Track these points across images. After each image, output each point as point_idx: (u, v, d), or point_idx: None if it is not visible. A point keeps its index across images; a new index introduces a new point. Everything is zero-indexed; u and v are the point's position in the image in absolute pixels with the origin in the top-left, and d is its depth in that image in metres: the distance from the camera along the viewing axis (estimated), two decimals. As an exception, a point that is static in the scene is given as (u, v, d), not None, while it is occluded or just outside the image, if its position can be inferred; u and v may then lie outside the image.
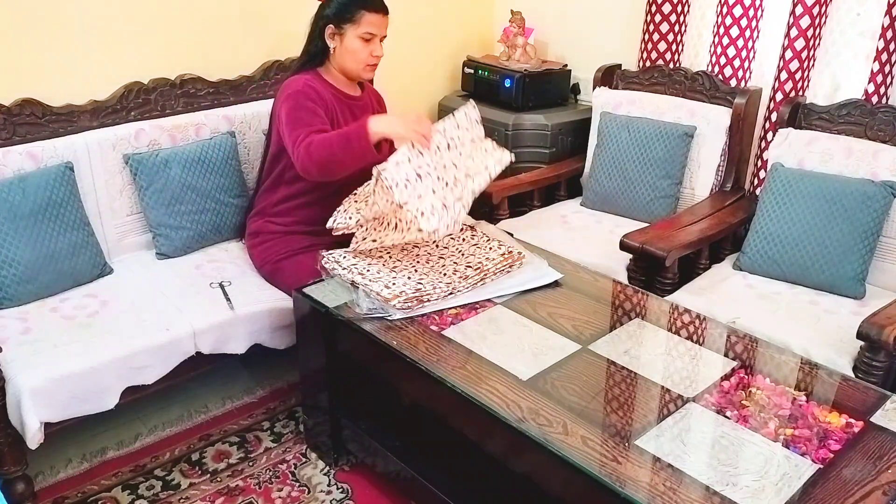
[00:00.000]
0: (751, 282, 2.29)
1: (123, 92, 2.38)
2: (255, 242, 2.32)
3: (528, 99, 3.02)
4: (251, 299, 2.16)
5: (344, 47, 2.17)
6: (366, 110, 2.28)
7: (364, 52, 2.17)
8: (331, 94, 2.20)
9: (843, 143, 2.31)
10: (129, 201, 2.39)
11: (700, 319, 1.89)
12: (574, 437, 1.44)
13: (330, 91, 2.21)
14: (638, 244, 2.26)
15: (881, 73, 2.33)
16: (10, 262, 2.05)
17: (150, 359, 1.96)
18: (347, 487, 2.07)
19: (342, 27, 2.14)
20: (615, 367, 1.67)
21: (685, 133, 2.61)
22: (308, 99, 2.12)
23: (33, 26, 2.24)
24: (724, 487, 1.31)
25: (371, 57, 2.18)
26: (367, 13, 2.12)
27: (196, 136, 2.49)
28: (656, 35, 2.81)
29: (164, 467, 2.14)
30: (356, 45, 2.15)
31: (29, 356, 1.86)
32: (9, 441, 1.83)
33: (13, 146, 2.16)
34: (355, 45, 2.15)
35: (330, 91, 2.21)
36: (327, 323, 1.92)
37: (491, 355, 1.70)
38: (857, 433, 1.47)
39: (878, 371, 1.84)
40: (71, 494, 2.04)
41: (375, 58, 2.19)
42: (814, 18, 2.39)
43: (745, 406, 1.54)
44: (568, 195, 2.97)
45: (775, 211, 2.28)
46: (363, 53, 2.17)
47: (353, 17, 2.12)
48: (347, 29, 2.14)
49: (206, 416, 2.35)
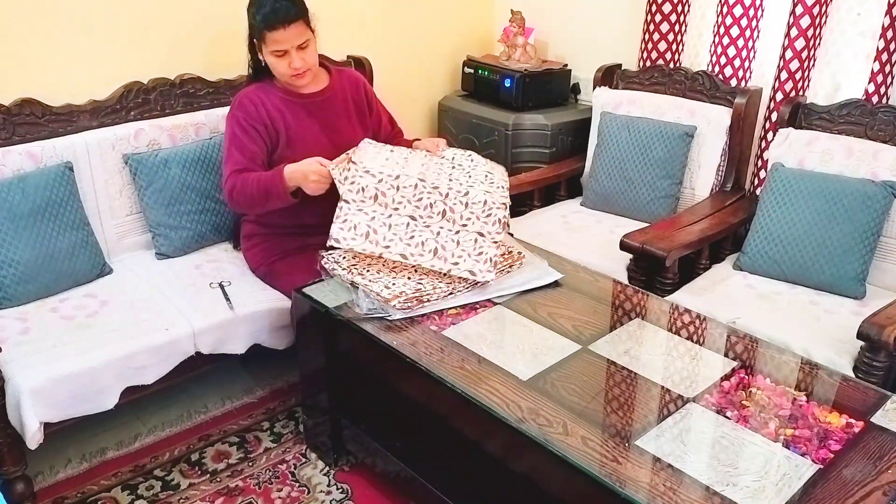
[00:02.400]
0: (751, 282, 2.28)
1: (123, 92, 2.38)
2: (249, 245, 2.32)
3: (528, 99, 3.02)
4: (251, 299, 2.16)
5: (268, 62, 2.14)
6: (328, 105, 2.26)
7: (282, 65, 2.11)
8: (278, 97, 2.18)
9: (844, 143, 2.31)
10: (129, 201, 2.39)
11: (700, 319, 1.88)
12: (574, 437, 1.44)
13: (278, 95, 2.19)
14: (638, 244, 2.26)
15: (881, 73, 2.32)
16: (9, 262, 2.05)
17: (150, 359, 1.96)
18: (347, 487, 2.07)
19: (259, 43, 2.12)
20: (615, 367, 1.66)
21: (685, 133, 2.61)
22: (245, 119, 2.13)
23: (33, 26, 2.24)
24: (725, 488, 1.31)
25: (290, 69, 2.11)
26: (267, 32, 2.05)
27: (196, 136, 2.49)
28: (656, 35, 2.81)
29: (164, 467, 2.14)
30: (272, 60, 2.12)
31: (28, 356, 1.86)
32: (8, 441, 1.83)
33: (13, 146, 2.16)
34: (272, 60, 2.12)
35: (278, 95, 2.19)
36: (327, 323, 1.91)
37: (491, 355, 1.70)
38: (857, 433, 1.46)
39: (878, 371, 1.84)
40: (70, 495, 2.04)
41: (295, 69, 2.11)
42: (814, 18, 2.38)
43: (746, 406, 1.53)
44: (568, 195, 2.97)
45: (775, 211, 2.28)
46: (282, 68, 2.11)
47: (259, 35, 2.09)
48: (262, 46, 2.11)
49: (206, 417, 2.35)
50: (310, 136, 2.20)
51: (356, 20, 2.97)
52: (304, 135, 2.20)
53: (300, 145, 2.18)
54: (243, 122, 2.14)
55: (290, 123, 2.18)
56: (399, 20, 3.15)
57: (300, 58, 2.10)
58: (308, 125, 2.21)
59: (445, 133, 3.28)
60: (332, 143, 2.23)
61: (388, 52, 3.07)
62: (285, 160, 2.15)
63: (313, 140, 2.20)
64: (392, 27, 3.13)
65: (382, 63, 2.96)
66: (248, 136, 2.14)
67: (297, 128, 2.19)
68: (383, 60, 2.98)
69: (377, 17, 3.03)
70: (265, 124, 2.15)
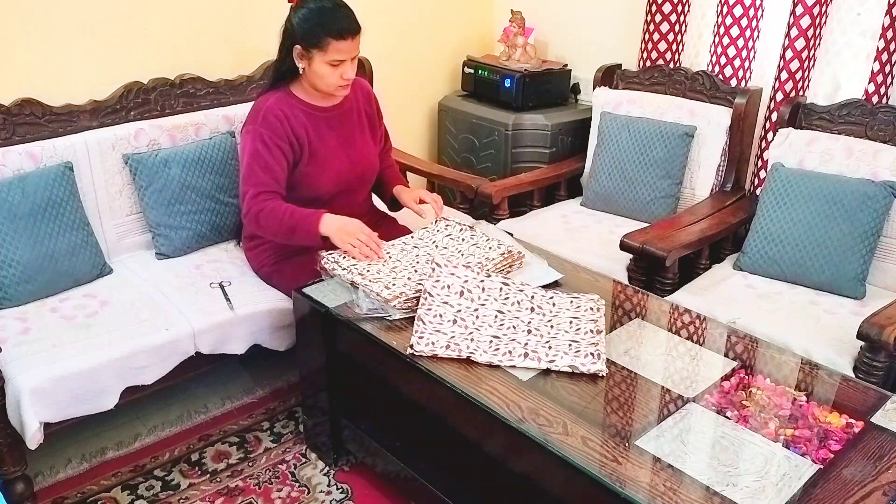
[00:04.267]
0: (751, 282, 2.28)
1: (123, 92, 2.38)
2: (251, 245, 2.32)
3: (528, 99, 3.02)
4: (251, 299, 2.16)
5: (313, 70, 2.06)
6: (346, 118, 2.24)
7: (333, 76, 2.06)
8: (301, 111, 2.14)
9: (844, 143, 2.31)
10: (129, 201, 2.39)
11: (700, 319, 1.88)
12: (574, 437, 1.44)
13: (301, 108, 2.15)
14: (638, 244, 2.26)
15: (881, 73, 2.33)
16: (9, 262, 2.05)
17: (150, 359, 1.96)
18: (347, 488, 2.06)
19: (310, 51, 2.03)
20: (615, 367, 1.66)
21: (685, 133, 2.61)
22: (271, 137, 2.07)
23: (33, 26, 2.24)
24: (725, 488, 1.31)
25: (341, 79, 2.07)
26: (333, 41, 1.99)
27: (196, 136, 2.48)
28: (656, 35, 2.80)
29: (164, 467, 2.14)
30: (324, 70, 2.04)
31: (28, 356, 1.86)
32: (8, 441, 1.82)
33: (13, 146, 2.16)
34: (324, 70, 2.04)
35: (301, 108, 2.15)
36: (327, 323, 1.91)
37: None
38: (857, 433, 1.46)
39: (878, 371, 1.84)
40: (70, 495, 2.04)
41: (347, 80, 2.08)
42: (814, 18, 2.38)
43: (746, 406, 1.53)
44: (568, 195, 2.97)
45: (775, 211, 2.28)
46: (332, 78, 2.06)
47: (320, 43, 2.00)
48: (315, 54, 2.02)
49: (206, 417, 2.35)
50: (330, 150, 2.19)
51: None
52: (325, 149, 2.18)
53: (322, 160, 2.17)
54: (268, 139, 2.08)
55: (312, 138, 2.15)
56: (399, 20, 3.15)
57: (352, 69, 2.08)
58: (328, 139, 2.19)
59: (445, 133, 3.28)
60: (349, 157, 2.23)
61: (388, 52, 3.07)
62: (307, 175, 2.15)
63: (333, 154, 2.19)
64: (392, 27, 3.13)
65: (382, 63, 2.96)
66: (272, 154, 2.08)
67: (319, 142, 2.17)
68: (383, 60, 2.98)
69: (377, 17, 3.03)
70: (290, 141, 2.11)
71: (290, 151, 2.12)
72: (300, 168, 2.16)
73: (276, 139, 2.09)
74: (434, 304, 1.80)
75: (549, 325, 1.77)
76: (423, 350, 1.68)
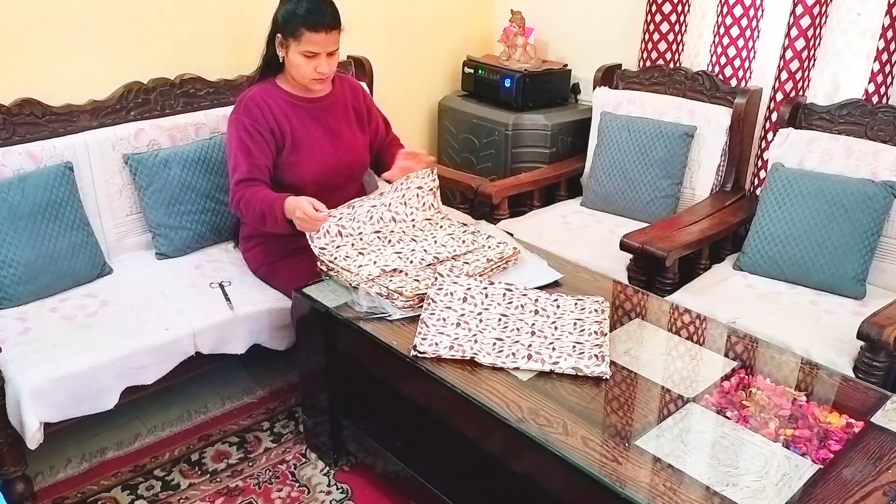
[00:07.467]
0: (751, 282, 2.28)
1: (123, 92, 2.38)
2: (249, 246, 2.32)
3: (528, 99, 3.02)
4: (251, 299, 2.16)
5: (289, 60, 2.11)
6: (331, 110, 2.25)
7: (307, 67, 2.09)
8: (285, 101, 2.17)
9: (844, 143, 2.31)
10: (129, 201, 2.39)
11: (700, 319, 1.88)
12: (574, 437, 1.44)
13: (284, 98, 2.18)
14: (638, 244, 2.26)
15: (881, 73, 2.33)
16: (9, 262, 2.04)
17: (150, 359, 1.96)
18: (347, 488, 2.06)
19: (287, 39, 2.08)
20: (615, 367, 1.66)
21: (685, 133, 2.61)
22: (252, 125, 2.11)
23: (33, 26, 2.24)
24: (725, 488, 1.31)
25: (315, 72, 2.10)
26: (307, 31, 2.03)
27: (196, 136, 2.48)
28: (656, 35, 2.81)
29: (164, 467, 2.14)
30: (299, 60, 2.09)
31: (28, 356, 1.86)
32: (8, 441, 1.82)
33: (13, 146, 2.16)
34: (298, 60, 2.09)
35: (284, 98, 2.18)
36: (327, 323, 1.91)
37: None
38: (857, 433, 1.46)
39: (878, 371, 1.84)
40: (70, 495, 2.03)
41: (320, 74, 2.11)
42: (814, 18, 2.38)
43: (746, 406, 1.53)
44: (568, 195, 2.97)
45: (775, 211, 2.28)
46: (306, 69, 2.10)
47: (295, 32, 2.05)
48: (291, 43, 2.07)
49: (206, 417, 2.35)
50: (314, 140, 2.20)
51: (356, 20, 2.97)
52: (308, 139, 2.19)
53: (305, 149, 2.18)
54: (250, 127, 2.11)
55: (295, 127, 2.18)
56: (399, 20, 3.15)
57: (327, 64, 2.10)
58: (313, 130, 2.21)
59: (445, 133, 3.28)
60: (334, 147, 2.23)
61: (388, 52, 3.07)
62: (291, 164, 2.15)
63: (318, 145, 2.20)
64: (392, 27, 3.12)
65: (382, 63, 2.96)
66: (254, 142, 2.11)
67: (303, 132, 2.19)
68: (383, 61, 2.98)
69: (377, 17, 3.03)
70: (271, 129, 2.14)
71: (272, 139, 2.14)
72: (284, 156, 2.18)
73: (258, 126, 2.12)
74: (437, 308, 1.81)
75: (553, 327, 1.77)
76: (426, 351, 1.68)
